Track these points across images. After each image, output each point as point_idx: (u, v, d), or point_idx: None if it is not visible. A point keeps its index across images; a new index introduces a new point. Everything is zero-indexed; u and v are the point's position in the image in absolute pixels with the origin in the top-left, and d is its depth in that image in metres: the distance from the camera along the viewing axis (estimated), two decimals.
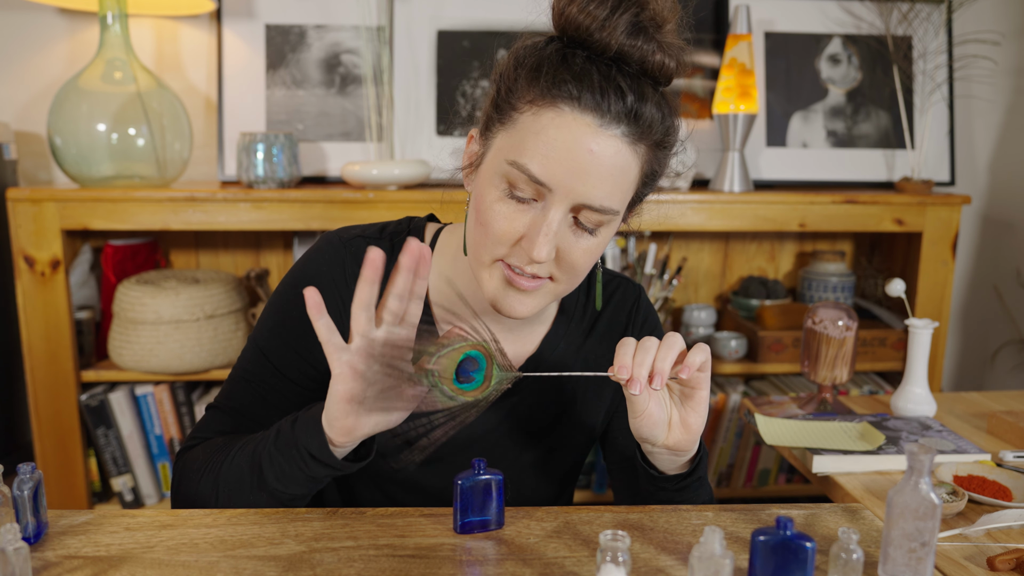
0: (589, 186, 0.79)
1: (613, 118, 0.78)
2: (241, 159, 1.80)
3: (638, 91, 0.79)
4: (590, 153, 0.78)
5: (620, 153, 0.80)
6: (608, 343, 1.04)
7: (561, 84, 0.78)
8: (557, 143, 0.78)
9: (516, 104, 0.81)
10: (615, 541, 0.65)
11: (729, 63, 1.94)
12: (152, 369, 1.78)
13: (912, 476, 0.74)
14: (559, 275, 0.85)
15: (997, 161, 2.27)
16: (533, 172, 0.79)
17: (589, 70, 0.78)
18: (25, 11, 1.94)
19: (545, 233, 0.80)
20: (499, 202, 0.82)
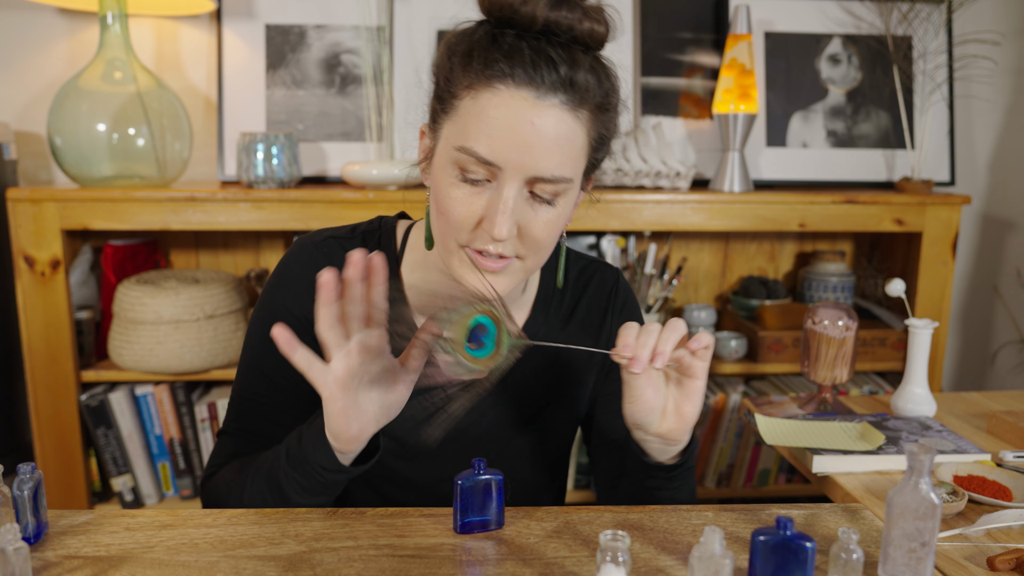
0: (537, 158, 0.80)
1: (549, 88, 0.79)
2: (241, 159, 1.80)
3: (570, 59, 0.80)
4: (532, 126, 0.79)
5: (562, 121, 0.81)
6: (588, 329, 1.05)
7: (493, 64, 0.79)
8: (498, 122, 0.79)
9: (455, 92, 0.83)
10: (615, 541, 0.65)
11: (729, 64, 1.94)
12: (152, 369, 1.78)
13: (912, 476, 0.74)
14: (524, 251, 0.86)
15: (997, 161, 2.27)
16: (480, 153, 0.80)
17: (519, 46, 0.79)
18: (25, 11, 1.94)
19: (502, 211, 0.81)
20: (454, 188, 0.83)
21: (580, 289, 1.06)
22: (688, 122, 2.09)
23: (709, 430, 2.00)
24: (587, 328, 1.05)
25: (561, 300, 1.04)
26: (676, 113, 2.09)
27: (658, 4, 2.08)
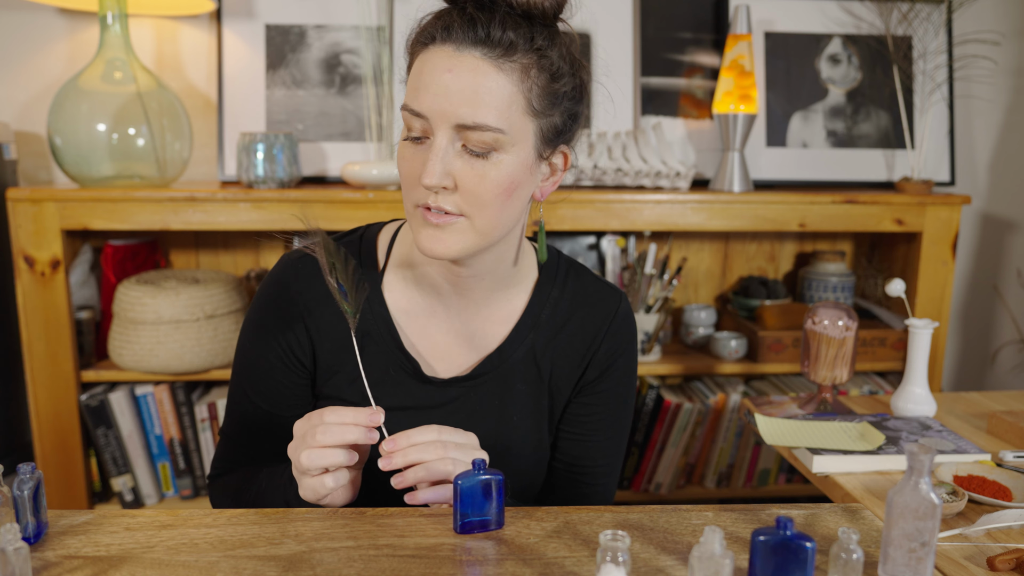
0: (455, 105, 0.84)
1: (468, 42, 0.85)
2: (241, 159, 1.80)
3: (491, 19, 0.85)
4: (449, 73, 0.84)
5: (480, 71, 0.84)
6: (580, 343, 1.03)
7: (426, 30, 0.87)
8: (423, 75, 0.86)
9: (408, 65, 0.91)
10: (615, 541, 0.65)
11: (729, 65, 1.94)
12: (152, 369, 1.78)
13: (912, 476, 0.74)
14: (466, 207, 0.87)
15: (997, 161, 2.27)
16: (410, 105, 0.86)
17: (450, 12, 0.86)
18: (25, 11, 1.94)
19: (431, 159, 0.85)
20: (404, 148, 0.89)
21: (579, 301, 1.04)
22: (688, 122, 2.09)
23: (709, 430, 2.00)
24: (578, 342, 1.03)
25: (556, 305, 1.03)
26: (676, 113, 2.09)
27: (658, 4, 2.08)
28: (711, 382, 2.08)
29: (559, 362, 1.02)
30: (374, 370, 0.98)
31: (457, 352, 1.00)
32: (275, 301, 0.99)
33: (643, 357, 1.98)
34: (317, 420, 0.84)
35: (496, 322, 1.01)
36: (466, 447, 0.87)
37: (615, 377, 1.04)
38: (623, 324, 1.05)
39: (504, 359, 1.00)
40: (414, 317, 1.00)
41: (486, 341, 1.01)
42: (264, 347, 0.99)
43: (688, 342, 2.11)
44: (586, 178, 1.91)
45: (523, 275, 1.03)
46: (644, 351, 1.97)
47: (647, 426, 2.01)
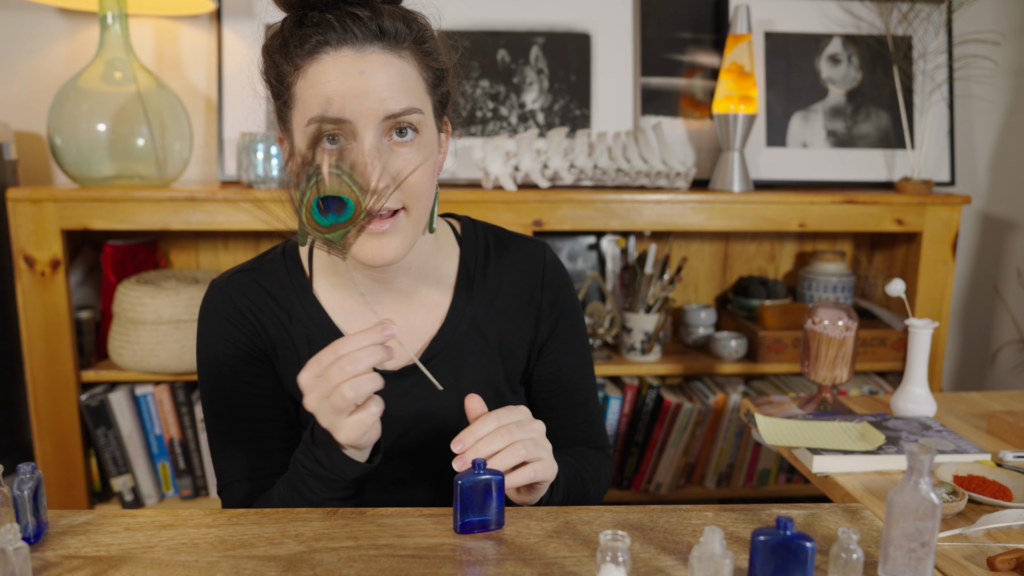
0: (379, 100, 0.85)
1: (364, 40, 0.85)
2: (241, 159, 1.80)
3: (373, 12, 0.85)
4: (362, 75, 0.84)
5: (387, 64, 0.86)
6: (519, 302, 1.05)
7: (307, 39, 0.85)
8: (332, 83, 0.84)
9: (287, 83, 0.88)
10: (615, 541, 0.65)
11: (729, 67, 1.94)
12: (152, 369, 1.78)
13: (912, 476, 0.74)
14: (405, 200, 0.88)
15: (997, 161, 2.27)
16: (329, 114, 0.84)
17: (325, 17, 0.85)
18: (25, 11, 1.94)
19: (369, 161, 0.84)
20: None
21: (504, 264, 1.05)
22: (688, 122, 2.09)
23: (709, 430, 2.00)
24: (521, 302, 1.05)
25: (484, 275, 1.04)
26: (676, 113, 2.09)
27: (658, 4, 2.08)
28: (711, 382, 2.08)
29: (504, 326, 1.04)
30: None
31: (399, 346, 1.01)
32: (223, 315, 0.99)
33: (643, 357, 1.98)
34: (330, 357, 0.80)
35: (431, 306, 1.02)
36: (524, 424, 0.86)
37: (566, 323, 1.07)
38: (554, 271, 1.07)
39: (448, 339, 1.01)
40: (353, 318, 1.01)
41: (426, 327, 1.02)
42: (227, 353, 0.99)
43: (688, 342, 2.11)
44: (586, 178, 1.91)
45: (445, 253, 1.04)
46: (644, 351, 1.98)
47: (647, 426, 2.01)
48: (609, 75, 2.04)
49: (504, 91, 2.01)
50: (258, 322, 0.99)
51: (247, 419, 0.99)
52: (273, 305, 1.00)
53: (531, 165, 1.85)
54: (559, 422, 1.09)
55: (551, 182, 1.89)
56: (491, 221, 1.79)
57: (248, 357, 0.99)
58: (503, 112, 2.01)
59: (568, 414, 1.10)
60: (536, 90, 2.02)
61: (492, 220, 1.78)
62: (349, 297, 1.01)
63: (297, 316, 1.00)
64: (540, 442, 0.87)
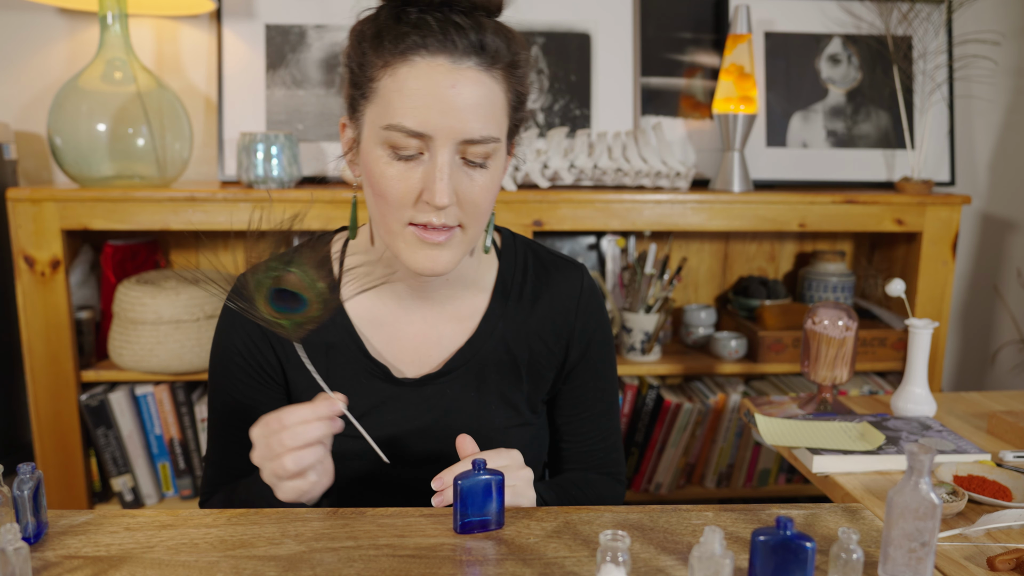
0: (463, 121, 0.82)
1: (462, 53, 0.82)
2: (241, 159, 1.80)
3: (476, 24, 0.83)
4: (453, 89, 0.82)
5: (480, 83, 0.83)
6: (552, 324, 1.03)
7: (404, 38, 0.82)
8: (421, 92, 0.82)
9: (371, 75, 0.85)
10: (615, 541, 0.65)
11: (729, 67, 1.94)
12: (152, 369, 1.78)
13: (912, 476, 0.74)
14: (465, 219, 0.87)
15: (997, 161, 2.27)
16: (409, 126, 0.82)
17: (425, 19, 0.82)
18: (25, 11, 1.94)
19: (440, 178, 0.83)
20: (388, 167, 0.85)
21: (543, 282, 1.04)
22: (688, 122, 2.09)
23: (709, 430, 2.00)
24: (554, 325, 1.04)
25: (521, 289, 1.03)
26: (676, 113, 2.09)
27: (658, 4, 2.08)
28: (711, 382, 2.08)
29: (535, 347, 1.03)
30: (344, 378, 0.97)
31: (426, 353, 1.00)
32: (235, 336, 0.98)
33: (643, 357, 1.98)
34: (276, 425, 0.81)
35: (462, 318, 1.01)
36: (511, 470, 0.86)
37: (596, 350, 1.06)
38: (591, 297, 1.06)
39: (475, 352, 1.00)
40: (379, 325, 0.99)
41: (454, 338, 1.01)
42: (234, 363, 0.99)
43: (688, 342, 2.11)
44: (586, 178, 1.91)
45: (485, 268, 1.03)
46: (644, 351, 1.98)
47: (647, 426, 2.01)
48: (609, 75, 2.04)
49: None
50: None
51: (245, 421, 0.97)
52: None
53: (531, 165, 1.85)
54: (578, 446, 1.08)
55: (551, 182, 1.89)
56: None
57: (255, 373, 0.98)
58: None
59: (588, 439, 1.08)
60: (536, 90, 2.02)
61: None
62: (379, 305, 0.99)
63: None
64: (522, 491, 0.87)
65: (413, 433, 0.99)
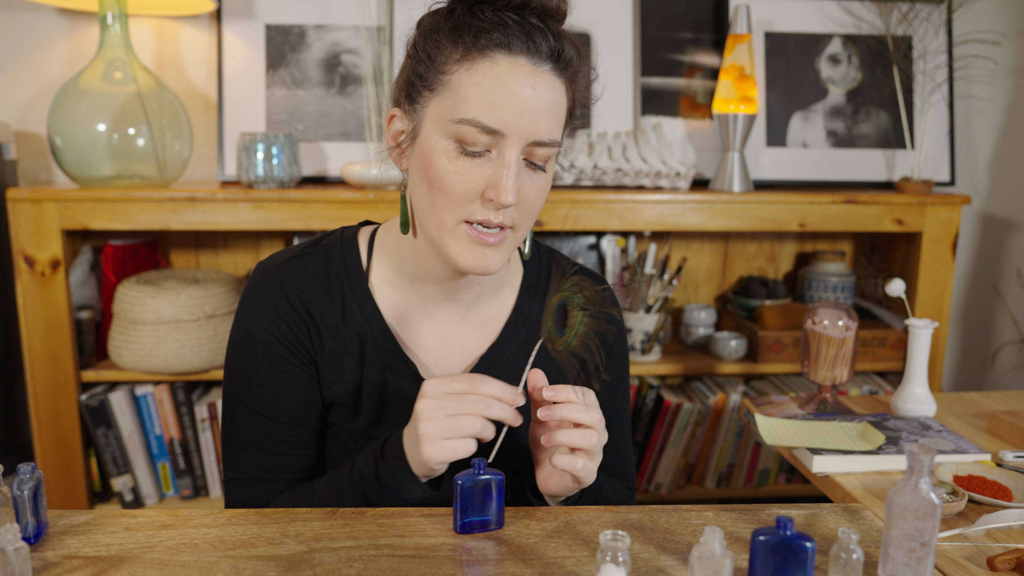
0: (536, 123, 0.83)
1: (543, 57, 0.83)
2: (241, 159, 1.80)
3: (554, 31, 0.84)
4: (533, 90, 0.82)
5: (554, 87, 0.84)
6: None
7: (485, 34, 0.82)
8: (501, 89, 0.82)
9: (443, 67, 0.84)
10: (615, 541, 0.65)
11: (729, 67, 1.94)
12: (152, 369, 1.78)
13: (912, 476, 0.74)
14: (518, 220, 0.88)
15: (997, 161, 2.27)
16: (485, 122, 0.82)
17: (503, 19, 0.82)
18: (25, 11, 1.94)
19: (509, 176, 0.83)
20: (452, 162, 0.84)
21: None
22: (688, 122, 2.09)
23: (709, 430, 2.00)
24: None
25: (543, 302, 1.03)
26: (676, 113, 2.09)
27: (658, 4, 2.08)
28: (711, 382, 2.08)
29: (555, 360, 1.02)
30: (371, 374, 0.96)
31: (450, 355, 1.00)
32: (271, 306, 0.94)
33: (643, 357, 1.98)
34: (466, 386, 0.81)
35: (487, 323, 1.01)
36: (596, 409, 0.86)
37: (613, 360, 1.06)
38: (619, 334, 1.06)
39: (497, 358, 1.00)
40: (406, 321, 0.98)
41: (478, 343, 1.00)
42: (267, 349, 0.94)
43: (688, 342, 2.11)
44: (586, 178, 1.91)
45: (511, 273, 1.03)
46: (644, 351, 1.97)
47: (647, 426, 2.01)
48: (609, 75, 2.04)
49: None
50: (308, 316, 0.95)
51: (272, 420, 0.95)
52: (325, 296, 0.96)
53: None
54: None
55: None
56: None
57: (291, 356, 0.94)
58: None
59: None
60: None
61: None
62: (406, 297, 0.98)
63: (351, 310, 0.96)
64: (601, 438, 0.86)
65: None
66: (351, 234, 1.01)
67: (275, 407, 0.95)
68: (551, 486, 0.89)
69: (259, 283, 0.96)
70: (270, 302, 0.94)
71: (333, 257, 0.98)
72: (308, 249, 0.98)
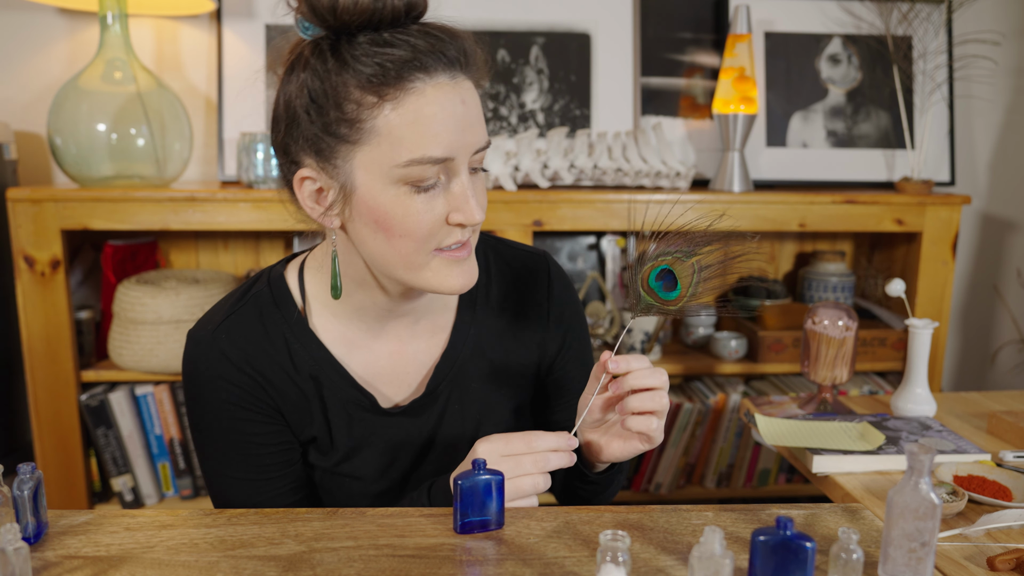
0: (476, 134, 0.82)
1: (458, 67, 0.81)
2: (241, 159, 1.80)
3: (447, 32, 0.81)
4: (464, 105, 0.80)
5: (472, 90, 0.83)
6: (525, 329, 1.02)
7: (393, 65, 0.77)
8: (437, 117, 0.78)
9: (360, 115, 0.78)
10: (615, 541, 0.65)
11: (728, 68, 1.94)
12: (152, 369, 1.78)
13: (912, 476, 0.74)
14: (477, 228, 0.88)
15: (997, 161, 2.27)
16: (435, 155, 0.79)
17: (404, 40, 0.78)
18: (25, 11, 1.94)
19: (472, 195, 0.82)
20: (411, 203, 0.80)
21: (508, 283, 1.02)
22: (688, 122, 2.09)
23: (709, 430, 2.00)
24: (526, 323, 1.02)
25: (487, 293, 1.01)
26: (676, 113, 2.09)
27: (658, 4, 2.08)
28: (711, 382, 2.08)
29: (510, 346, 1.01)
30: (334, 413, 0.95)
31: (405, 372, 0.98)
32: (217, 375, 0.90)
33: None
34: (522, 446, 0.84)
35: (435, 331, 0.99)
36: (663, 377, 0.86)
37: (574, 336, 1.06)
38: (559, 285, 1.05)
39: (451, 363, 0.98)
40: (356, 348, 0.95)
41: (430, 352, 0.98)
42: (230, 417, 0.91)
43: (688, 342, 2.11)
44: (586, 178, 1.91)
45: None
46: (644, 351, 1.97)
47: None
48: (609, 75, 2.04)
49: (504, 91, 2.01)
50: (258, 374, 0.91)
51: (262, 481, 0.94)
52: (268, 349, 0.92)
53: (531, 165, 1.85)
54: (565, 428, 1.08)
55: (551, 182, 1.89)
56: (491, 221, 1.80)
57: (255, 415, 0.92)
58: (503, 112, 2.01)
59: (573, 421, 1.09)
60: (536, 90, 2.02)
61: (492, 220, 1.79)
62: (352, 325, 0.95)
63: (298, 355, 0.93)
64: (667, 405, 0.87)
65: (410, 459, 0.99)
66: (278, 275, 0.96)
67: (259, 466, 0.93)
68: (614, 452, 0.90)
69: (198, 357, 0.91)
70: (216, 373, 0.90)
71: (265, 306, 0.93)
72: (236, 305, 0.93)
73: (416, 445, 0.98)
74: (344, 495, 0.99)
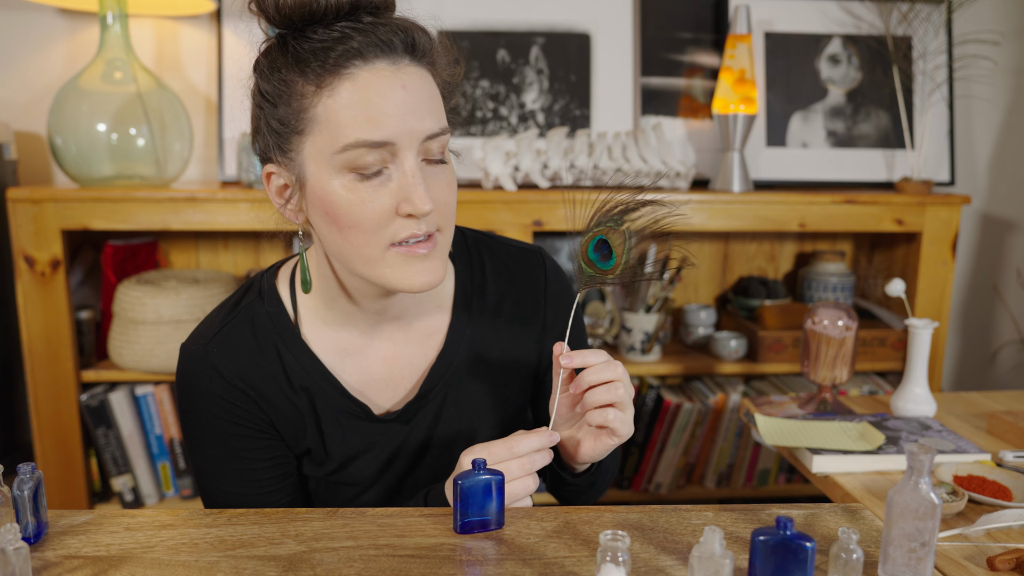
0: (421, 119, 0.80)
1: (400, 52, 0.80)
2: (241, 159, 1.80)
3: (398, 24, 0.81)
4: (404, 89, 0.79)
5: (423, 78, 0.82)
6: (522, 328, 1.01)
7: (331, 53, 0.78)
8: (373, 100, 0.78)
9: (302, 105, 0.79)
10: (615, 541, 0.65)
11: (728, 68, 1.94)
12: (152, 369, 1.78)
13: (912, 476, 0.74)
14: (441, 221, 0.84)
15: (997, 161, 2.27)
16: (369, 138, 0.78)
17: (345, 32, 0.79)
18: (25, 11, 1.94)
19: (417, 183, 0.80)
20: (353, 192, 0.80)
21: (503, 282, 1.01)
22: (688, 122, 2.09)
23: (709, 430, 2.00)
24: (523, 322, 1.01)
25: (483, 292, 1.00)
26: (676, 113, 2.09)
27: (658, 4, 2.08)
28: (711, 382, 2.08)
29: (508, 346, 1.00)
30: (328, 424, 0.95)
31: (399, 376, 0.97)
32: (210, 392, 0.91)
33: (643, 357, 1.98)
34: (504, 453, 0.84)
35: (429, 332, 0.98)
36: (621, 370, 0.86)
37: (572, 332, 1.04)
38: (555, 282, 1.04)
39: (447, 365, 0.97)
40: (350, 355, 0.95)
41: (425, 355, 0.98)
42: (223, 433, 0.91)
43: (688, 342, 2.11)
44: (586, 178, 1.91)
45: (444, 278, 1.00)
46: (644, 351, 1.98)
47: (647, 426, 2.01)
48: (609, 75, 2.04)
49: (504, 91, 2.01)
50: (251, 389, 0.91)
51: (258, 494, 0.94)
52: (262, 362, 0.92)
53: (531, 165, 1.85)
54: None
55: (551, 182, 1.89)
56: (491, 221, 1.80)
57: (249, 431, 0.92)
58: (503, 112, 2.01)
59: None
60: (536, 90, 2.02)
61: (492, 220, 1.79)
62: (344, 333, 0.94)
63: (291, 367, 0.93)
64: (628, 390, 0.87)
65: (407, 462, 0.98)
66: (270, 285, 0.96)
67: (252, 480, 0.94)
68: (586, 451, 0.89)
69: (191, 372, 0.91)
70: (209, 389, 0.91)
71: (258, 317, 0.93)
72: (228, 317, 0.93)
73: (412, 449, 0.98)
74: (340, 502, 0.99)
